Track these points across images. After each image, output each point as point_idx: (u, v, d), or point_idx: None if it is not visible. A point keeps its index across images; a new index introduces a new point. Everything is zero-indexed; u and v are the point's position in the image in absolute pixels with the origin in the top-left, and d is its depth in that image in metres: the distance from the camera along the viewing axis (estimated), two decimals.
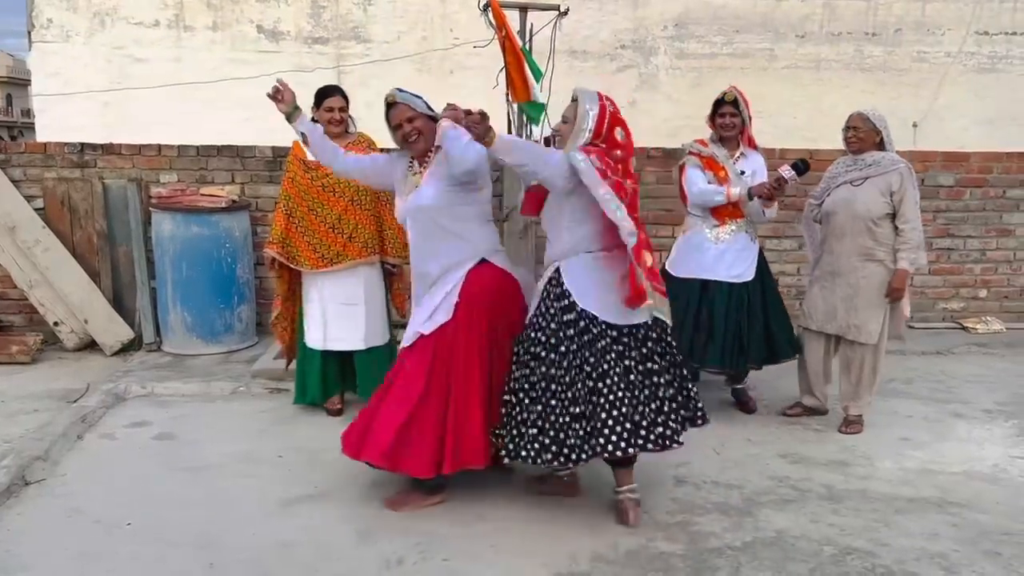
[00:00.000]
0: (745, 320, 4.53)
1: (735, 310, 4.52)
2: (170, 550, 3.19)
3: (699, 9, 9.89)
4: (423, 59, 9.38)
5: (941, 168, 6.76)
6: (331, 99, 4.41)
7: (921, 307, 6.90)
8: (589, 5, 9.57)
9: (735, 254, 4.53)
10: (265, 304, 6.38)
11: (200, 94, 8.92)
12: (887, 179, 4.31)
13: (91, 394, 4.95)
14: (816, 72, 9.96)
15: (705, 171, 4.53)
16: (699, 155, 4.57)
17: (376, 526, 3.38)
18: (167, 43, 9.28)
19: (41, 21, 9.04)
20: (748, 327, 4.53)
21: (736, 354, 4.54)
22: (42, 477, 3.82)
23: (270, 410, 4.80)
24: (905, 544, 3.27)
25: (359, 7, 9.48)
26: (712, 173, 4.51)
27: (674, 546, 3.24)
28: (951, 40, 10.01)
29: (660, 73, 9.63)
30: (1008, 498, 3.70)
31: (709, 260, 4.52)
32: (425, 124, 3.51)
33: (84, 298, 5.94)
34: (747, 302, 4.55)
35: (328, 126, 4.32)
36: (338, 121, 4.40)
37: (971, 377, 5.53)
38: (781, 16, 9.88)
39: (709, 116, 4.59)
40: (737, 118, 4.48)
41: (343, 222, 4.45)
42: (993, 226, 6.86)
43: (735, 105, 4.47)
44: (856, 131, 4.40)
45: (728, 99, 4.49)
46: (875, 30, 9.98)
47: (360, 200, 4.49)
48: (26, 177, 6.08)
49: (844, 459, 4.13)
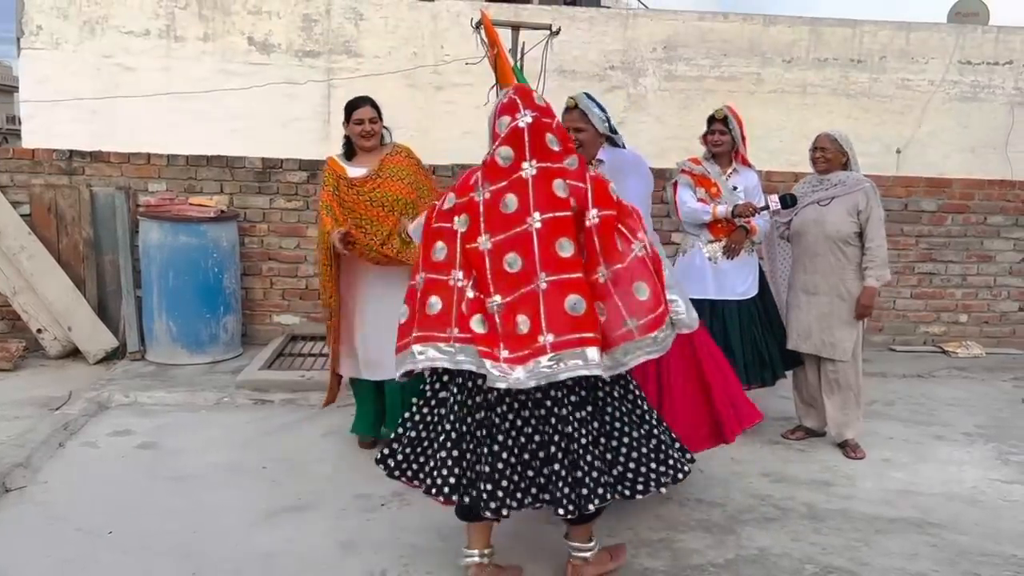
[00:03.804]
0: (759, 333, 4.58)
1: (748, 326, 4.58)
2: (152, 559, 3.17)
3: (688, 32, 10.00)
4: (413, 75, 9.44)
5: (924, 194, 6.86)
6: (360, 110, 4.10)
7: (903, 330, 6.98)
8: (579, 25, 9.66)
9: (736, 271, 4.58)
10: (251, 315, 6.38)
11: (189, 104, 8.93)
12: (853, 198, 4.41)
13: (74, 402, 4.91)
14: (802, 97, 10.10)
15: (697, 188, 4.59)
16: (691, 173, 4.63)
17: (360, 538, 3.37)
18: (157, 53, 9.30)
19: (31, 28, 9.03)
20: (763, 339, 4.58)
21: (758, 368, 4.58)
22: (23, 484, 3.79)
23: (254, 421, 4.78)
24: (885, 564, 3.30)
25: (351, 21, 9.53)
26: (704, 189, 4.57)
27: (657, 563, 3.25)
28: (934, 68, 10.18)
29: (649, 94, 9.73)
30: (987, 519, 3.74)
31: (711, 280, 4.57)
32: (590, 137, 3.66)
33: (68, 305, 5.90)
34: (758, 315, 4.60)
35: (360, 140, 4.10)
36: (369, 134, 4.10)
37: (952, 400, 5.59)
38: (768, 41, 10.02)
39: (702, 133, 4.66)
40: (727, 135, 4.54)
41: (392, 237, 4.03)
42: (974, 252, 6.95)
43: (725, 123, 4.54)
44: (824, 152, 4.49)
45: (718, 116, 4.57)
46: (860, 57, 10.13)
47: (412, 215, 3.98)
48: (13, 183, 6.05)
49: (826, 479, 4.16)
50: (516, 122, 2.78)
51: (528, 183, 2.73)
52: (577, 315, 2.64)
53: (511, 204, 2.73)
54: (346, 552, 3.28)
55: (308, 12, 9.35)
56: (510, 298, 2.69)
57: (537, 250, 2.69)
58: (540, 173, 2.74)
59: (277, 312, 6.43)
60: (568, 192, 2.74)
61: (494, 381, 2.63)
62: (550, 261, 2.68)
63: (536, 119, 2.79)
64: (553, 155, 2.77)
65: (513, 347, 2.66)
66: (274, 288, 6.43)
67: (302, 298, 6.41)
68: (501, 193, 2.75)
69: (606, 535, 3.43)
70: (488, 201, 2.76)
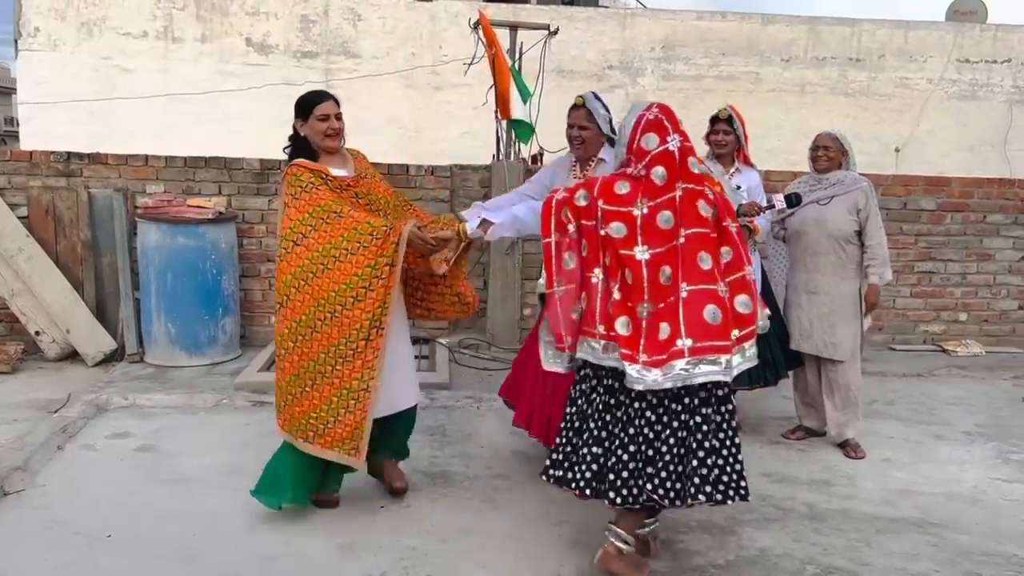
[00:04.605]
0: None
1: None
2: (151, 563, 3.16)
3: (686, 32, 9.99)
4: (411, 75, 9.43)
5: (923, 193, 6.85)
6: (324, 104, 3.49)
7: (902, 329, 6.97)
8: (578, 25, 9.65)
9: None
10: (249, 316, 6.36)
11: (187, 106, 8.91)
12: (853, 197, 4.43)
13: (72, 404, 4.90)
14: (800, 95, 10.10)
15: None
16: None
17: (359, 541, 3.36)
18: (155, 54, 9.29)
19: (28, 29, 9.02)
20: (767, 338, 4.57)
21: (761, 367, 4.56)
22: (21, 488, 3.77)
23: (253, 423, 4.77)
24: (886, 564, 3.29)
25: (349, 22, 9.52)
26: None
27: (658, 564, 3.24)
28: (933, 67, 10.18)
29: (647, 94, 9.72)
30: (987, 519, 3.73)
31: None
32: (594, 136, 3.81)
33: (67, 308, 5.89)
34: None
35: (324, 140, 3.48)
36: (336, 132, 3.49)
37: (952, 399, 5.59)
38: (767, 40, 10.02)
39: (705, 133, 4.65)
40: (731, 135, 4.53)
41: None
42: (974, 250, 6.95)
43: (729, 122, 4.54)
44: (827, 151, 4.51)
45: (722, 116, 4.56)
46: (859, 55, 10.13)
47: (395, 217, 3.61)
48: (10, 185, 6.04)
49: (827, 479, 4.15)
50: (667, 145, 3.00)
51: (677, 201, 2.97)
52: (715, 324, 2.89)
53: (667, 220, 2.96)
54: (345, 555, 3.26)
55: (306, 13, 9.34)
56: (660, 306, 2.92)
57: (681, 262, 2.93)
58: (686, 194, 2.98)
59: (276, 314, 6.41)
60: (709, 212, 3.00)
61: (633, 383, 2.85)
62: (692, 272, 2.92)
63: (682, 144, 3.03)
64: (695, 177, 3.03)
65: (652, 351, 2.88)
66: (273, 290, 6.40)
67: None
68: (657, 209, 2.97)
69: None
70: (646, 216, 2.96)
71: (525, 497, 3.82)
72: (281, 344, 3.45)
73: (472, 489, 3.79)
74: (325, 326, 3.33)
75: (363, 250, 3.32)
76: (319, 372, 3.34)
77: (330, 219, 3.34)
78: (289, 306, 3.41)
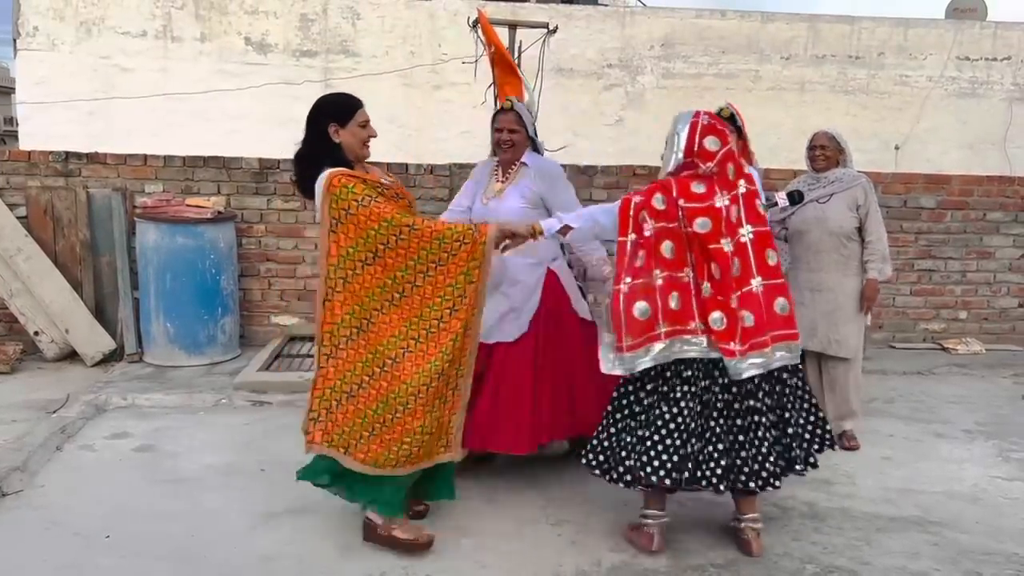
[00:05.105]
0: None
1: None
2: (151, 563, 3.15)
3: (685, 30, 9.98)
4: (410, 74, 9.43)
5: (923, 190, 6.84)
6: (364, 110, 3.25)
7: (902, 328, 6.97)
8: (577, 23, 9.64)
9: None
10: (248, 316, 6.36)
11: (186, 105, 8.90)
12: (852, 194, 4.45)
13: (71, 405, 4.90)
14: (800, 94, 10.09)
15: None
16: None
17: (359, 541, 3.35)
18: (154, 53, 9.28)
19: (27, 29, 9.01)
20: None
21: None
22: (19, 488, 3.77)
23: (253, 423, 4.77)
24: (886, 563, 3.29)
25: (348, 21, 9.51)
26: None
27: (657, 563, 3.24)
28: (933, 64, 10.17)
29: (647, 92, 9.71)
30: (988, 518, 3.73)
31: None
32: (522, 139, 3.85)
33: (65, 308, 5.88)
34: None
35: (363, 148, 3.23)
36: (370, 140, 3.27)
37: (952, 397, 5.58)
38: (766, 38, 10.00)
39: None
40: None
41: None
42: (974, 248, 6.94)
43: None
44: (824, 149, 4.54)
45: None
46: (858, 53, 10.12)
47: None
48: (9, 185, 6.03)
49: (827, 477, 4.14)
50: (729, 147, 3.25)
51: (740, 198, 3.23)
52: (785, 314, 3.24)
53: (734, 214, 3.20)
54: (345, 555, 3.26)
55: (305, 12, 9.33)
56: (738, 295, 3.15)
57: (752, 257, 3.19)
58: (748, 192, 3.25)
59: (275, 313, 6.42)
60: (764, 212, 3.29)
61: (738, 373, 3.11)
62: (762, 268, 3.20)
63: (732, 146, 3.28)
64: (749, 177, 3.31)
65: (744, 339, 3.12)
66: (272, 289, 6.41)
67: (300, 299, 6.39)
68: (730, 204, 3.21)
69: (607, 535, 3.43)
70: (726, 208, 3.19)
71: (525, 497, 3.81)
72: (364, 371, 3.12)
73: (472, 489, 3.78)
74: (420, 344, 3.12)
75: (452, 258, 3.11)
76: (411, 395, 3.09)
77: (405, 233, 3.07)
78: (372, 330, 3.12)
